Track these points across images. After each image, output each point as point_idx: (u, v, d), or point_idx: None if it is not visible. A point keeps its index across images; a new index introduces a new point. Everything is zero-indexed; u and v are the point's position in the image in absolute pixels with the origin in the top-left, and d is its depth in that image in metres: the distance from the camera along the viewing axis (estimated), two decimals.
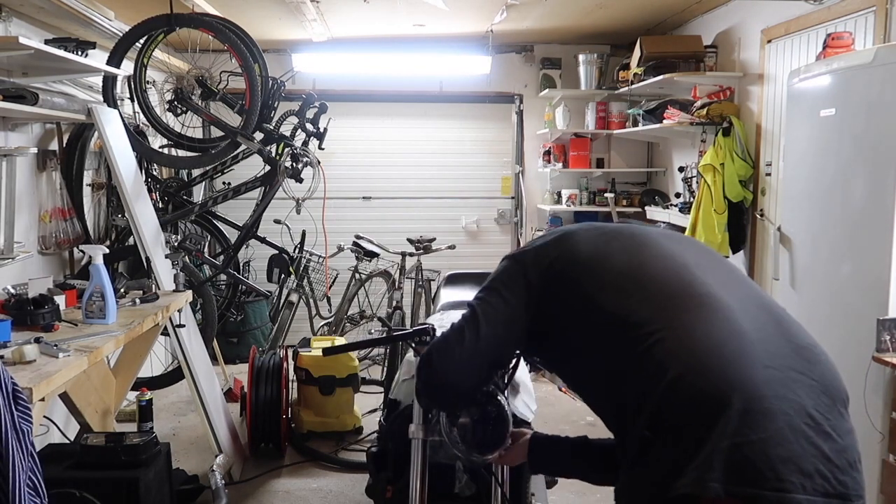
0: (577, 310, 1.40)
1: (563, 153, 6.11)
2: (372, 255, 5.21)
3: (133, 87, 3.97)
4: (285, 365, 4.07)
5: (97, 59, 3.63)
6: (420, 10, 4.60)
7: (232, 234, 4.66)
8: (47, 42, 3.32)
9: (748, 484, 1.13)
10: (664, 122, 4.83)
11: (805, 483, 1.13)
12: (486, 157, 6.30)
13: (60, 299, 2.88)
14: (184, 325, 3.51)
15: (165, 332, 3.60)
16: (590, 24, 5.34)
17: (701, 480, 1.13)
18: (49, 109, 3.27)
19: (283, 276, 4.91)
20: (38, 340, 2.35)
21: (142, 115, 4.08)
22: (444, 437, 1.85)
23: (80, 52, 3.43)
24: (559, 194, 6.10)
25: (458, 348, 1.49)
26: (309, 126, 4.34)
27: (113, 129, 3.68)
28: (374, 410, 4.60)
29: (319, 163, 4.30)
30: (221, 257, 4.79)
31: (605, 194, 5.99)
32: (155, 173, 4.57)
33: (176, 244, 4.06)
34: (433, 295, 5.24)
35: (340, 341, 4.58)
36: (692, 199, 4.65)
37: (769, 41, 4.16)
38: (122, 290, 3.19)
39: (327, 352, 2.11)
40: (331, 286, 5.39)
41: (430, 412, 1.83)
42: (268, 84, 4.04)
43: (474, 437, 1.68)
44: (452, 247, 5.34)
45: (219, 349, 5.02)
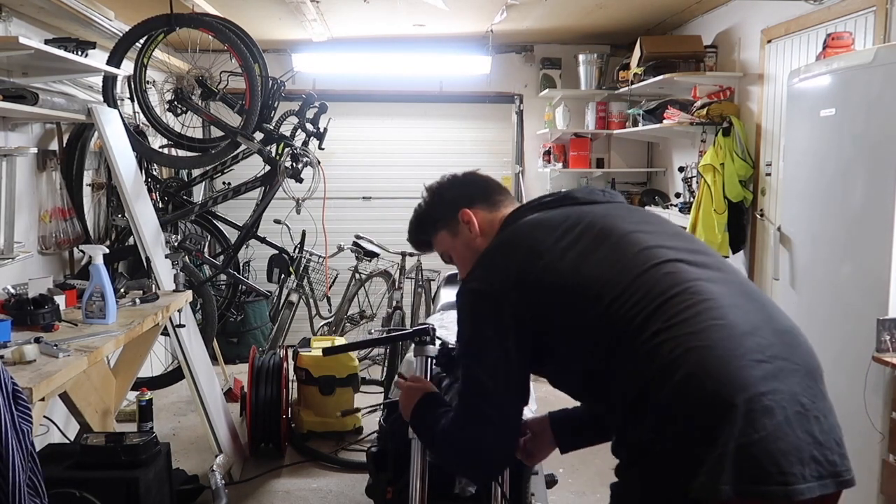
0: (571, 327, 1.37)
1: (563, 153, 6.11)
2: (372, 255, 5.20)
3: (133, 87, 3.97)
4: (285, 365, 4.07)
5: (97, 59, 3.63)
6: (420, 10, 4.60)
7: (232, 234, 4.66)
8: (47, 42, 3.32)
9: (755, 481, 1.16)
10: (664, 122, 4.83)
11: (805, 472, 1.17)
12: (486, 157, 6.29)
13: (60, 299, 2.88)
14: (184, 325, 3.51)
15: (165, 332, 3.60)
16: (590, 24, 5.34)
17: (713, 485, 1.15)
18: (49, 109, 3.27)
19: (283, 276, 4.91)
20: (38, 340, 2.35)
21: (142, 115, 4.08)
22: None
23: (80, 52, 3.43)
24: None
25: (490, 432, 1.41)
26: (309, 126, 4.33)
27: (113, 129, 3.67)
28: (374, 410, 4.59)
29: (319, 163, 4.30)
30: (221, 257, 4.79)
31: None
32: (155, 173, 4.58)
33: (176, 244, 4.06)
34: (433, 295, 5.24)
35: (340, 341, 4.58)
36: (692, 199, 4.65)
37: (769, 41, 4.16)
38: (122, 290, 3.19)
39: (327, 352, 2.11)
40: (331, 286, 5.39)
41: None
42: (268, 84, 4.03)
43: None
44: None
45: (219, 349, 5.02)
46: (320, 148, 4.42)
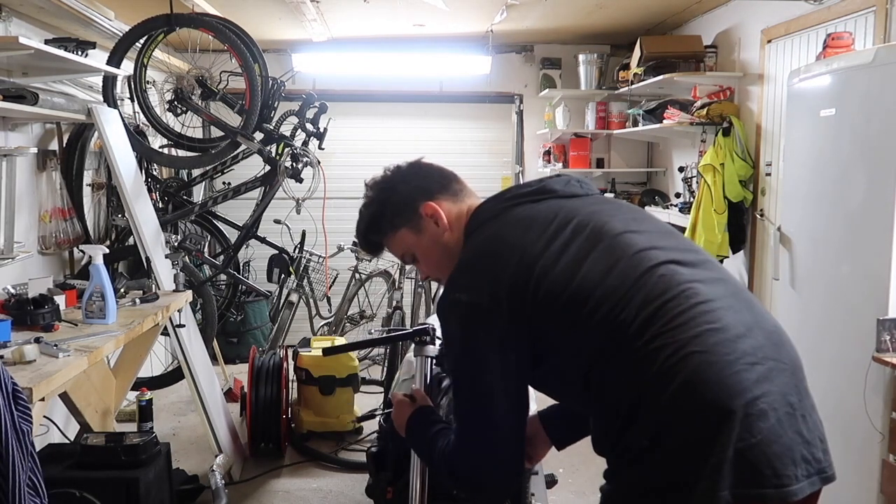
0: (567, 335, 1.31)
1: (563, 153, 6.11)
2: None
3: (133, 87, 3.97)
4: (285, 365, 4.07)
5: (97, 59, 3.62)
6: (420, 10, 4.60)
7: (232, 234, 4.66)
8: (47, 42, 3.32)
9: (752, 485, 1.16)
10: (664, 122, 4.83)
11: (797, 472, 1.19)
12: (486, 157, 6.29)
13: (60, 299, 2.88)
14: (184, 325, 3.51)
15: (165, 332, 3.60)
16: (590, 24, 5.34)
17: (713, 492, 1.15)
18: (49, 109, 3.27)
19: (283, 276, 4.91)
20: (38, 340, 2.35)
21: (142, 115, 4.08)
22: None
23: (80, 52, 3.42)
24: None
25: (494, 455, 1.35)
26: (309, 126, 4.33)
27: (113, 129, 3.67)
28: (374, 411, 4.59)
29: (319, 163, 4.30)
30: (221, 257, 4.79)
31: (605, 194, 5.98)
32: (155, 173, 4.58)
33: (176, 244, 4.06)
34: (433, 295, 5.25)
35: (340, 341, 4.58)
36: (692, 199, 4.65)
37: (769, 41, 4.16)
38: (122, 290, 3.19)
39: (327, 352, 2.12)
40: (331, 286, 5.39)
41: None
42: (268, 84, 4.03)
43: None
44: None
45: (219, 349, 5.02)
46: (320, 148, 4.42)
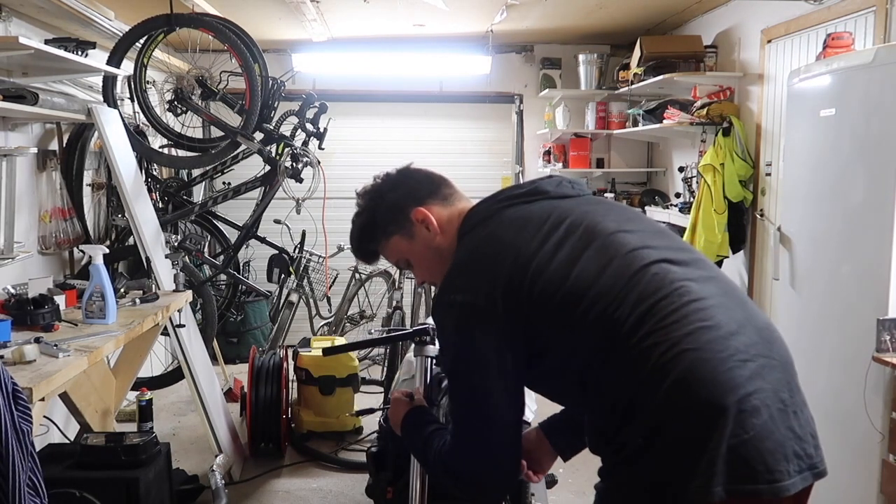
0: (562, 333, 1.32)
1: (563, 153, 6.11)
2: None
3: (133, 87, 3.97)
4: (285, 365, 4.07)
5: (97, 59, 3.62)
6: (420, 10, 4.60)
7: (232, 234, 4.66)
8: (47, 42, 3.32)
9: (745, 481, 1.18)
10: (664, 122, 4.83)
11: (789, 468, 1.20)
12: (486, 157, 6.29)
13: (60, 299, 2.88)
14: (184, 325, 3.51)
15: (165, 332, 3.60)
16: (590, 24, 5.34)
17: (706, 488, 1.16)
18: (49, 109, 3.27)
19: (283, 276, 4.91)
20: (38, 340, 2.35)
21: (142, 115, 4.08)
22: None
23: (80, 52, 3.42)
24: None
25: (492, 458, 1.35)
26: (309, 126, 4.33)
27: (113, 129, 3.67)
28: (373, 410, 4.59)
29: (319, 163, 4.30)
30: (221, 257, 4.79)
31: (605, 194, 5.99)
32: (155, 173, 4.58)
33: (176, 244, 4.06)
34: (433, 295, 5.24)
35: (340, 341, 4.58)
36: (692, 199, 4.65)
37: (769, 41, 4.16)
38: (122, 290, 3.19)
39: (327, 352, 2.12)
40: (331, 286, 5.39)
41: None
42: (268, 84, 4.03)
43: None
44: None
45: (219, 349, 5.02)
46: (320, 148, 4.42)
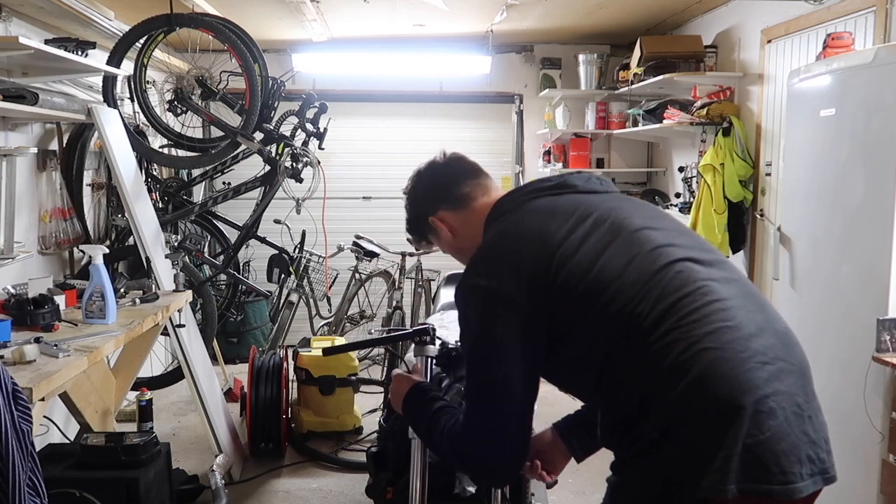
0: (583, 324, 1.34)
1: (563, 153, 6.10)
2: (372, 255, 5.20)
3: (133, 87, 3.97)
4: (285, 365, 4.07)
5: (97, 59, 3.63)
6: (420, 10, 4.60)
7: (232, 234, 4.66)
8: (47, 42, 3.32)
9: (758, 481, 1.19)
10: (664, 122, 4.83)
11: (802, 471, 1.22)
12: (486, 157, 6.22)
13: (60, 299, 2.88)
14: (184, 325, 3.51)
15: (165, 332, 3.60)
16: (590, 24, 5.34)
17: (721, 485, 1.17)
18: (49, 109, 3.27)
19: (283, 276, 4.91)
20: (38, 340, 2.35)
21: (142, 115, 4.08)
22: None
23: (80, 52, 3.43)
24: None
25: (503, 439, 1.37)
26: (309, 126, 4.33)
27: (113, 129, 3.68)
28: (374, 410, 4.60)
29: (319, 163, 4.30)
30: (221, 257, 4.79)
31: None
32: (155, 173, 4.58)
33: (176, 244, 4.06)
34: (433, 295, 5.24)
35: (340, 341, 4.59)
36: (692, 199, 4.65)
37: (769, 41, 4.16)
38: (122, 290, 3.19)
39: (327, 352, 2.11)
40: (331, 286, 5.39)
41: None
42: (268, 84, 4.03)
43: None
44: None
45: (219, 349, 5.02)
46: (320, 148, 4.42)
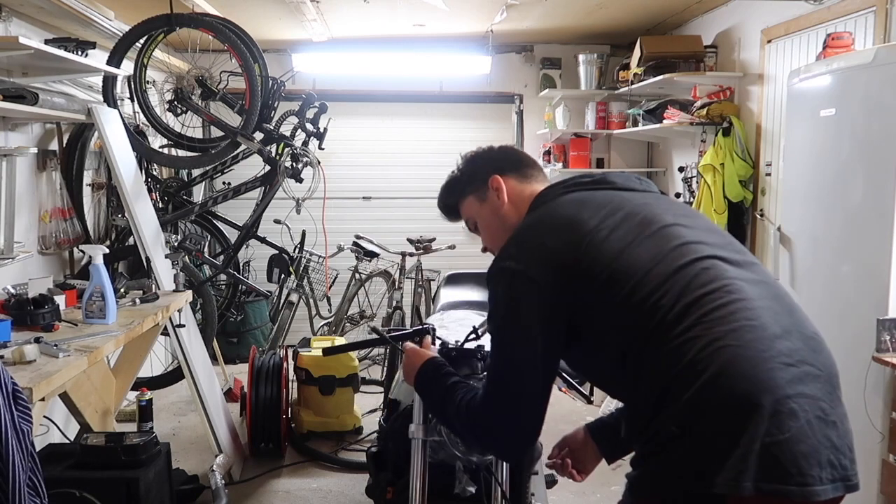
0: (605, 311, 1.35)
1: (564, 153, 6.11)
2: (372, 255, 5.21)
3: (133, 87, 3.97)
4: (285, 365, 4.07)
5: (97, 59, 3.63)
6: (420, 10, 4.60)
7: (232, 234, 4.66)
8: (47, 42, 3.32)
9: (775, 481, 1.18)
10: (664, 122, 4.83)
11: (822, 475, 1.21)
12: None
13: (60, 299, 2.88)
14: (184, 325, 3.51)
15: (165, 332, 3.60)
16: (590, 24, 5.34)
17: (736, 481, 1.17)
18: (49, 109, 3.27)
19: (283, 276, 4.91)
20: (38, 340, 2.35)
21: (142, 115, 4.08)
22: (444, 437, 1.85)
23: (80, 52, 3.42)
24: None
25: (521, 415, 1.41)
26: (309, 126, 4.33)
27: (113, 129, 3.68)
28: (374, 410, 4.60)
29: (319, 163, 4.30)
30: (221, 257, 4.79)
31: None
32: (155, 173, 4.58)
33: (176, 244, 4.06)
34: (433, 295, 5.24)
35: (340, 341, 4.58)
36: (692, 199, 4.65)
37: (769, 41, 4.16)
38: (122, 290, 3.19)
39: (327, 352, 2.11)
40: (331, 286, 5.39)
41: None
42: (268, 84, 4.03)
43: None
44: (452, 247, 5.33)
45: (219, 349, 5.02)
46: (320, 148, 4.42)
